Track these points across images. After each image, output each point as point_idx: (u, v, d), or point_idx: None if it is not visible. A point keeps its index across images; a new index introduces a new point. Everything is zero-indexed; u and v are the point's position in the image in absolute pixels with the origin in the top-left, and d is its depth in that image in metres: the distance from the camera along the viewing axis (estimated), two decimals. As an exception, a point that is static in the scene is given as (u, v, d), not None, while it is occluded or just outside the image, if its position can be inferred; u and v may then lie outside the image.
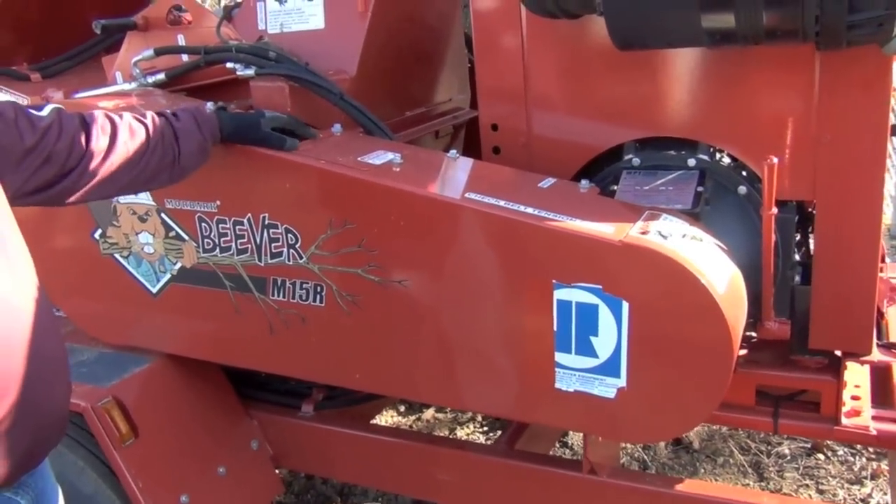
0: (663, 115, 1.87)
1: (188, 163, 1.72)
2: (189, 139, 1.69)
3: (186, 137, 1.69)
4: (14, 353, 1.21)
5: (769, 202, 1.62)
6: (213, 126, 1.75)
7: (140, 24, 2.28)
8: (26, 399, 1.22)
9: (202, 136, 1.72)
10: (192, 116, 1.72)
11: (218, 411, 2.28)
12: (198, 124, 1.72)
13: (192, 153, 1.71)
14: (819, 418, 1.94)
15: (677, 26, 1.54)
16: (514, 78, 1.96)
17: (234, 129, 1.79)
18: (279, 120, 1.84)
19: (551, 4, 1.66)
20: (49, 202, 1.53)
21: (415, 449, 2.19)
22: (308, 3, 2.19)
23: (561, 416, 1.72)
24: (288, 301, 1.91)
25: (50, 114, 1.50)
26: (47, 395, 1.28)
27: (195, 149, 1.71)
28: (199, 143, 1.72)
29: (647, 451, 3.26)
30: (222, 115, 1.79)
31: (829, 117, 1.70)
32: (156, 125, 1.65)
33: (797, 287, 1.88)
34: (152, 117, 1.67)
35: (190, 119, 1.71)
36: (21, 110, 1.44)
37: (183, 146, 1.68)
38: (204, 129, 1.73)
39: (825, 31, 1.41)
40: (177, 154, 1.68)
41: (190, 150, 1.70)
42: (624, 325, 1.56)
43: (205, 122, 1.73)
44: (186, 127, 1.70)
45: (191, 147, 1.70)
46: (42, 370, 1.26)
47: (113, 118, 1.61)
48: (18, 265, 1.28)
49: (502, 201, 1.65)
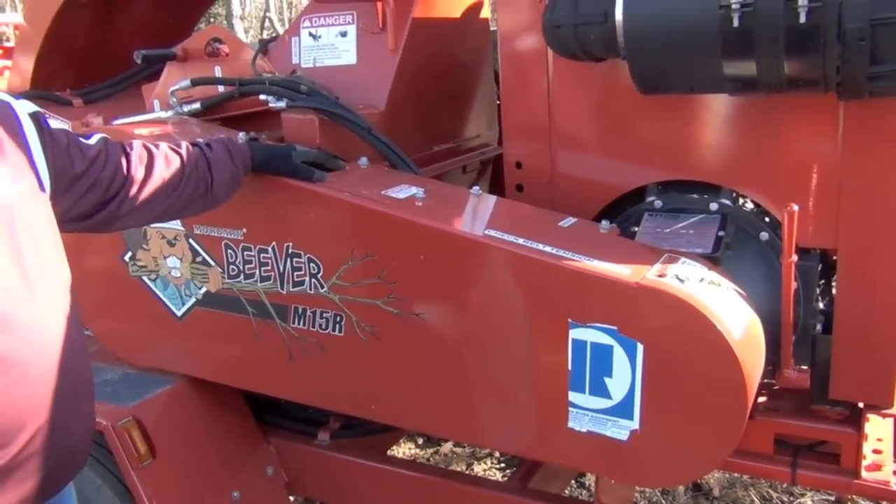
0: (687, 159, 1.88)
1: (221, 192, 1.76)
2: (222, 169, 1.74)
3: (219, 167, 1.73)
4: (39, 384, 1.23)
5: (789, 249, 1.62)
6: (245, 156, 1.80)
7: (179, 55, 2.36)
8: (48, 430, 1.24)
9: (234, 166, 1.76)
10: (224, 146, 1.77)
11: (235, 436, 2.30)
12: (230, 154, 1.76)
13: (224, 183, 1.76)
14: (839, 470, 1.91)
15: (699, 73, 1.56)
16: (539, 117, 1.99)
17: (266, 159, 1.84)
18: (309, 154, 1.89)
19: (577, 47, 1.69)
20: (88, 230, 1.58)
21: (429, 483, 2.19)
22: (341, 39, 2.25)
23: (573, 456, 1.72)
24: (308, 329, 1.93)
25: (98, 142, 1.56)
26: (70, 426, 1.30)
27: (227, 178, 1.76)
28: (232, 173, 1.76)
29: (666, 496, 3.21)
30: (254, 146, 1.84)
31: (852, 166, 1.70)
32: (190, 155, 1.70)
33: (818, 336, 1.86)
34: (187, 147, 1.71)
35: (223, 149, 1.76)
36: (73, 137, 1.50)
37: (216, 175, 1.73)
38: (236, 159, 1.77)
39: (846, 81, 1.42)
40: (210, 183, 1.72)
41: (222, 179, 1.75)
42: (638, 367, 1.56)
43: (237, 153, 1.78)
44: (219, 157, 1.74)
45: (223, 176, 1.75)
46: (67, 400, 1.28)
47: (150, 148, 1.66)
48: (54, 291, 1.32)
49: (521, 239, 1.67)
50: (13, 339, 1.20)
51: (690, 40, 1.49)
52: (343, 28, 2.26)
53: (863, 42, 1.34)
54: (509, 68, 2.01)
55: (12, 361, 1.19)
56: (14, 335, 1.21)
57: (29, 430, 1.21)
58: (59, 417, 1.25)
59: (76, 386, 1.32)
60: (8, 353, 1.19)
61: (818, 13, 1.35)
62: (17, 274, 1.23)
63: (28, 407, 1.22)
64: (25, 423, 1.21)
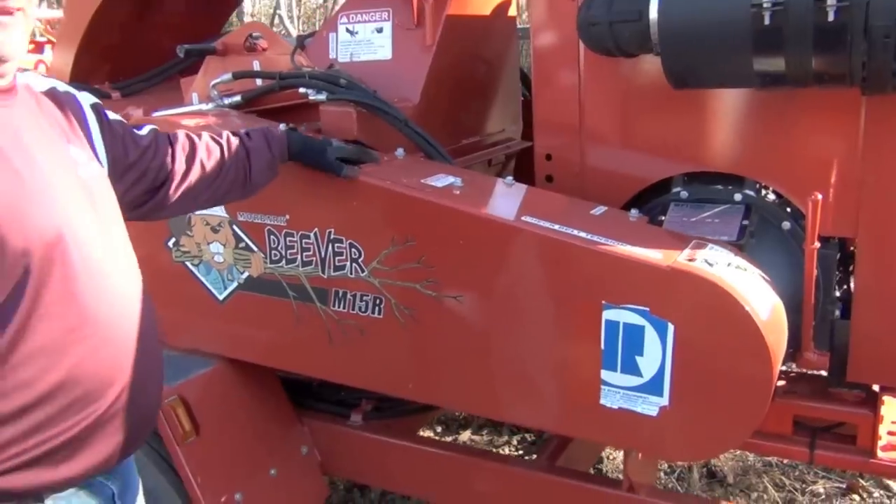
0: (712, 152, 1.96)
1: (259, 179, 1.85)
2: (260, 157, 1.82)
3: (258, 156, 1.82)
4: (124, 346, 1.33)
5: (812, 237, 1.70)
6: (283, 145, 1.88)
7: (219, 50, 2.44)
8: (131, 389, 1.33)
9: (272, 154, 1.85)
10: (262, 135, 1.85)
11: (272, 416, 2.39)
12: (268, 143, 1.85)
13: (262, 170, 1.84)
14: (855, 451, 2.00)
15: (730, 68, 1.64)
16: (570, 111, 2.07)
17: (301, 150, 1.91)
18: (345, 150, 1.94)
19: (611, 44, 1.78)
20: (137, 218, 1.66)
21: (458, 461, 2.28)
22: (377, 35, 2.34)
23: (604, 432, 1.80)
24: (348, 312, 2.02)
25: (149, 133, 1.65)
26: (147, 387, 1.40)
27: (265, 166, 1.84)
28: (269, 161, 1.85)
29: (681, 483, 3.30)
30: (292, 136, 1.92)
31: (873, 159, 1.79)
32: (230, 144, 1.78)
33: (837, 321, 1.95)
34: (227, 137, 1.79)
35: (261, 138, 1.84)
36: (127, 128, 1.59)
37: (254, 164, 1.81)
38: (274, 147, 1.85)
39: (871, 76, 1.50)
40: (248, 171, 1.81)
41: (260, 167, 1.83)
42: (669, 346, 1.65)
43: (274, 141, 1.86)
44: (258, 146, 1.82)
45: (261, 165, 1.83)
46: (145, 363, 1.38)
47: (193, 138, 1.74)
48: (129, 263, 1.43)
49: (556, 225, 1.75)
50: (107, 302, 1.30)
51: (723, 38, 1.57)
52: (379, 24, 2.34)
53: (888, 39, 1.42)
54: (541, 63, 2.10)
55: (105, 322, 1.29)
56: (107, 299, 1.31)
57: (116, 387, 1.31)
58: (139, 378, 1.35)
59: (151, 351, 1.41)
60: (103, 314, 1.29)
61: (846, 11, 1.43)
62: (105, 243, 1.33)
63: (115, 366, 1.31)
64: (114, 380, 1.31)
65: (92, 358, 1.27)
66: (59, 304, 1.23)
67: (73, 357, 1.25)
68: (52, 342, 1.23)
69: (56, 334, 1.23)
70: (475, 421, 3.81)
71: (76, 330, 1.25)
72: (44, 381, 1.22)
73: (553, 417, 1.87)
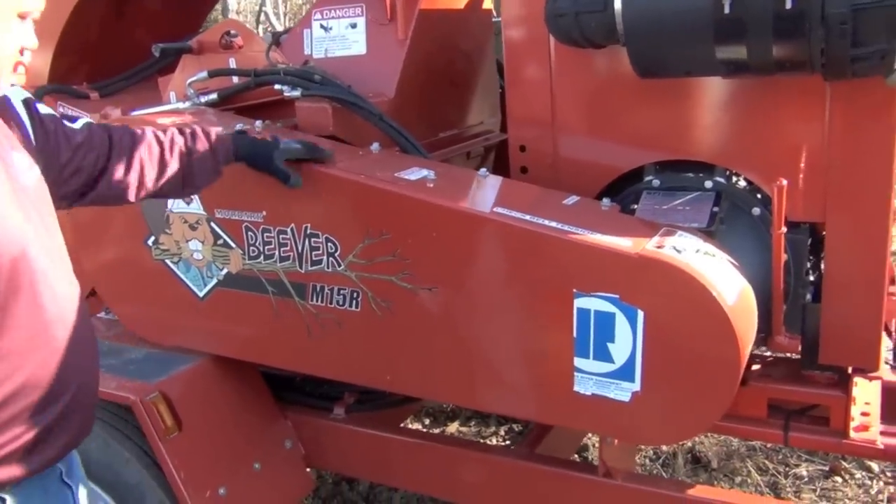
0: (682, 140, 1.98)
1: (199, 182, 1.85)
2: (202, 160, 1.81)
3: (200, 158, 1.81)
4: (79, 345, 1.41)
5: (779, 222, 1.73)
6: (227, 149, 1.87)
7: (195, 48, 2.46)
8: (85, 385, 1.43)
9: (215, 158, 1.84)
10: (206, 138, 1.83)
11: (255, 410, 2.41)
12: (212, 146, 1.83)
13: (203, 173, 1.83)
14: (828, 432, 2.03)
15: (694, 57, 1.66)
16: (542, 102, 2.09)
17: (248, 154, 1.90)
18: (292, 152, 1.91)
19: (578, 35, 1.80)
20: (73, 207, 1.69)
21: (441, 451, 2.30)
22: (351, 30, 2.35)
23: (579, 418, 1.83)
24: (326, 306, 2.04)
25: (83, 128, 1.64)
26: (94, 382, 1.50)
27: (207, 168, 1.84)
28: (212, 164, 1.84)
29: (666, 469, 3.33)
30: (240, 140, 1.90)
31: (838, 143, 1.81)
32: (173, 143, 1.78)
33: (808, 305, 1.97)
34: (171, 136, 1.79)
35: (206, 141, 1.83)
36: (59, 123, 1.58)
37: (196, 165, 1.81)
38: (218, 151, 1.85)
39: (830, 63, 1.53)
40: (190, 172, 1.81)
41: (202, 169, 1.83)
42: (639, 332, 1.67)
43: (220, 145, 1.85)
44: (201, 148, 1.81)
45: (203, 167, 1.82)
46: (93, 360, 1.49)
47: (135, 134, 1.73)
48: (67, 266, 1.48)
49: (528, 216, 1.78)
50: (58, 308, 1.37)
51: (685, 26, 1.59)
52: (353, 20, 2.35)
53: (845, 26, 1.44)
54: (513, 56, 2.11)
55: (57, 328, 1.36)
56: (58, 305, 1.37)
57: (74, 384, 1.39)
58: (90, 374, 1.45)
59: (93, 348, 1.51)
60: (56, 321, 1.36)
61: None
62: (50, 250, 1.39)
63: (72, 364, 1.38)
64: (68, 381, 1.38)
65: (50, 362, 1.34)
66: (25, 313, 1.30)
67: (34, 363, 1.32)
68: (17, 349, 1.29)
69: (21, 342, 1.29)
70: (463, 413, 3.83)
71: (36, 337, 1.32)
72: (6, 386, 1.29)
73: (529, 405, 1.89)
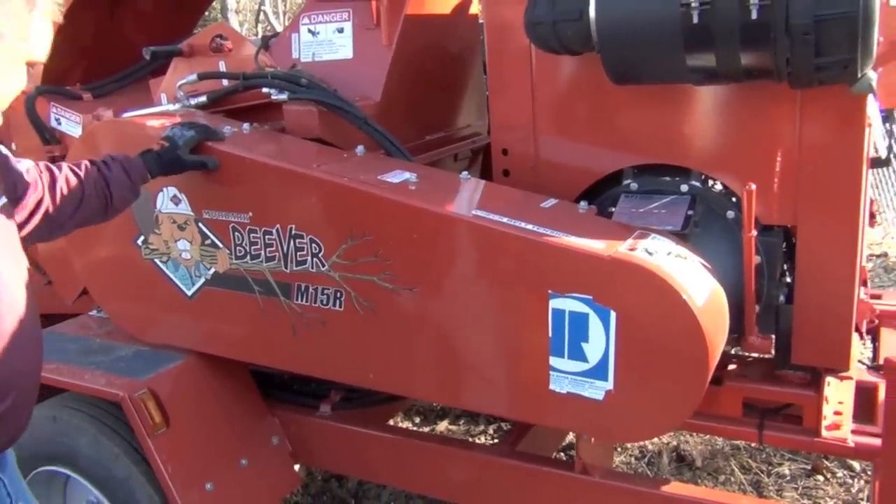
0: (659, 144, 2.03)
1: (119, 205, 1.96)
2: (120, 185, 1.92)
3: (117, 184, 1.92)
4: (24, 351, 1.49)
5: (749, 225, 1.77)
6: (140, 170, 1.98)
7: (185, 51, 2.50)
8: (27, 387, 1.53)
9: (130, 181, 1.95)
10: (120, 165, 1.94)
11: (243, 407, 2.46)
12: (126, 172, 1.94)
13: (122, 197, 1.95)
14: (801, 430, 2.07)
15: (665, 65, 1.71)
16: (524, 107, 2.13)
17: (160, 166, 2.01)
18: (192, 140, 2.04)
19: (555, 43, 1.84)
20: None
21: (424, 448, 2.35)
22: (338, 35, 2.40)
23: (555, 417, 1.88)
24: (310, 305, 2.09)
25: (30, 171, 1.73)
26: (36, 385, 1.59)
27: (125, 193, 1.95)
28: (129, 188, 1.95)
29: (651, 467, 3.38)
30: (147, 159, 2.00)
31: (809, 149, 1.86)
32: (89, 174, 1.88)
33: (781, 306, 2.02)
34: (86, 167, 1.89)
35: (119, 167, 1.94)
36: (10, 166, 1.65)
37: (114, 192, 1.92)
38: (132, 174, 1.95)
39: (795, 72, 1.57)
40: (109, 199, 1.91)
41: (121, 194, 1.94)
42: (612, 332, 1.72)
43: (133, 169, 1.96)
44: (116, 175, 1.92)
45: (122, 192, 1.93)
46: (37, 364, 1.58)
47: (53, 170, 1.82)
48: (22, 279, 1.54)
49: (506, 218, 1.82)
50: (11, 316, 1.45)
51: (656, 35, 1.64)
52: (340, 24, 2.40)
53: (808, 36, 1.49)
54: (495, 61, 2.16)
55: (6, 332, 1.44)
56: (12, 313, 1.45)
57: (16, 387, 1.47)
58: (32, 377, 1.54)
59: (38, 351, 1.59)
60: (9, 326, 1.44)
61: (768, 10, 1.50)
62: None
63: (17, 369, 1.46)
64: (16, 382, 1.47)
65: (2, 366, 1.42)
66: None
67: None
68: None
69: None
70: (452, 411, 3.88)
71: None
72: None
73: (507, 403, 1.94)
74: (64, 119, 2.73)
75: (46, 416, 2.37)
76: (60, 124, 2.73)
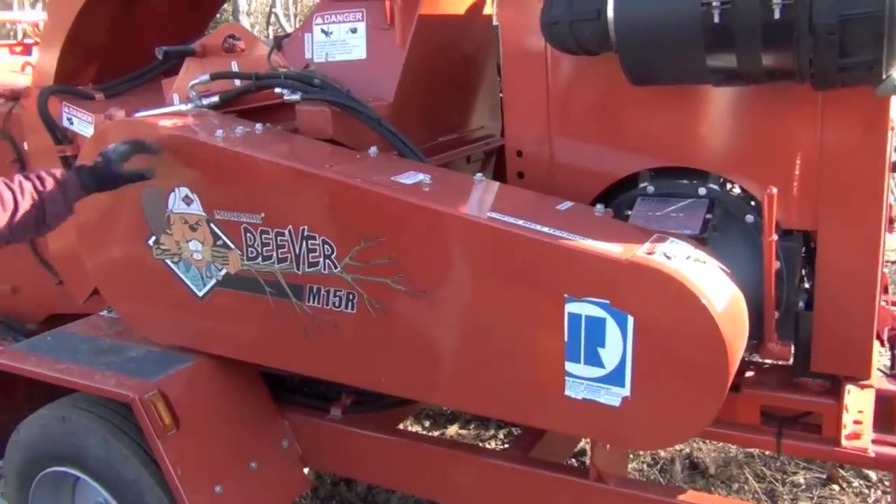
0: (677, 147, 2.00)
1: (52, 222, 1.97)
2: (54, 202, 1.94)
3: (51, 200, 1.93)
4: None
5: (769, 230, 1.74)
6: (75, 187, 2.00)
7: (198, 51, 2.49)
8: None
9: (65, 197, 1.96)
10: (55, 181, 1.95)
11: (253, 410, 2.44)
12: (62, 189, 1.96)
13: (56, 214, 1.97)
14: (820, 440, 2.04)
15: (685, 65, 1.68)
16: (539, 108, 2.11)
17: (94, 182, 2.03)
18: (124, 154, 2.07)
19: (572, 43, 1.82)
20: None
21: (435, 453, 2.32)
22: (352, 35, 2.38)
23: (569, 423, 1.84)
24: (322, 307, 2.06)
25: None
26: None
27: (59, 209, 1.97)
28: (63, 204, 1.97)
29: (664, 474, 3.34)
30: (82, 174, 2.02)
31: (830, 152, 1.82)
32: (23, 192, 1.89)
33: (801, 312, 1.98)
34: (19, 182, 1.90)
35: (54, 184, 1.95)
36: None
37: (49, 208, 1.93)
38: (68, 191, 1.97)
39: (818, 73, 1.54)
40: (43, 214, 1.92)
41: (55, 211, 1.95)
42: (629, 337, 1.69)
43: (68, 186, 1.98)
44: (50, 192, 1.93)
45: (56, 209, 1.95)
46: None
47: None
48: None
49: (521, 221, 1.79)
50: None
51: (675, 35, 1.61)
52: (353, 25, 2.39)
53: (832, 36, 1.46)
54: (510, 62, 2.13)
55: None
56: None
57: None
58: None
59: None
60: None
61: (791, 9, 1.47)
62: None
63: None
64: None
65: None
66: None
67: None
68: None
69: None
70: (462, 416, 3.85)
71: None
72: None
73: (520, 408, 1.90)
74: (76, 119, 2.72)
75: (56, 416, 2.36)
76: (73, 124, 2.73)
